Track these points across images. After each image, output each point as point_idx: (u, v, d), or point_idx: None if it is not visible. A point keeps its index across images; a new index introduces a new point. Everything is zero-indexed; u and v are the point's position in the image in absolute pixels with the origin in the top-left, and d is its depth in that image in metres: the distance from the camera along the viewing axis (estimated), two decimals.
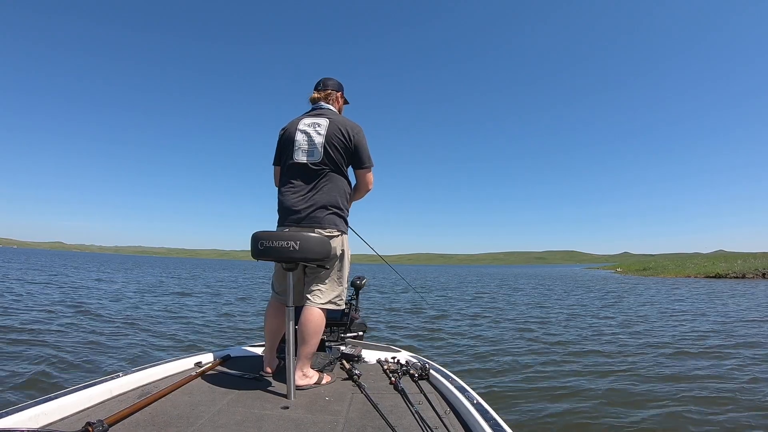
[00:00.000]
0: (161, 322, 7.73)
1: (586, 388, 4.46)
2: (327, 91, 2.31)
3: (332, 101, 2.31)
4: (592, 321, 9.79)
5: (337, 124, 2.14)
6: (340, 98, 2.37)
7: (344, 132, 2.12)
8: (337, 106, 2.35)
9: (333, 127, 2.12)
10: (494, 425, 1.42)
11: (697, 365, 5.40)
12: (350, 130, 2.14)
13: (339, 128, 2.12)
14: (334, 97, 2.32)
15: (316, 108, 2.27)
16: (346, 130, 2.13)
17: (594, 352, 6.29)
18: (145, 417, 1.51)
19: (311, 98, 2.30)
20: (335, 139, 2.10)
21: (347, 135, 2.13)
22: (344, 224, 2.16)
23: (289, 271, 1.91)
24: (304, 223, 2.05)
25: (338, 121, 2.16)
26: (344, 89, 2.41)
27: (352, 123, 2.20)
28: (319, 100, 2.28)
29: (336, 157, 2.11)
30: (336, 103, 2.33)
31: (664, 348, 6.49)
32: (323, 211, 2.06)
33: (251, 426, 1.50)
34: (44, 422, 1.40)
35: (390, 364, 2.31)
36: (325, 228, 2.05)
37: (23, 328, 6.25)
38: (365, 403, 1.76)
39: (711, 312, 11.00)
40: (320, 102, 2.28)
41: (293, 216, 2.08)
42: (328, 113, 2.21)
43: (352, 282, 3.01)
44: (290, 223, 2.08)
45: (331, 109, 2.26)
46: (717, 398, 4.08)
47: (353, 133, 2.14)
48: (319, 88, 2.32)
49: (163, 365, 2.07)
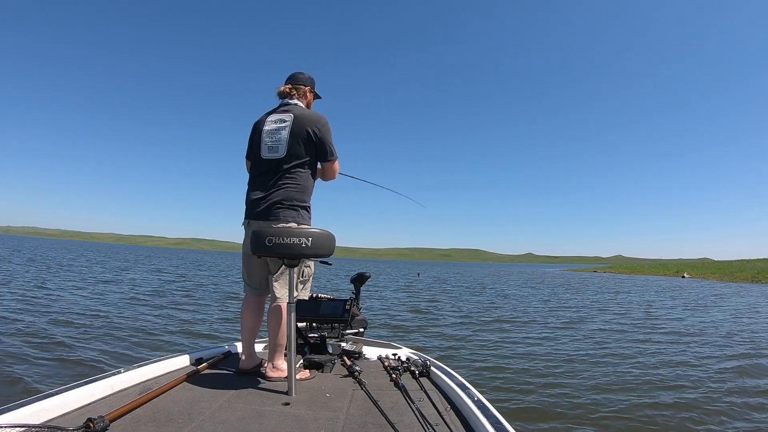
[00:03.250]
0: (159, 317, 7.69)
1: (589, 384, 4.51)
2: (296, 85, 2.29)
3: (300, 96, 2.30)
4: (582, 319, 9.89)
5: (301, 120, 2.14)
6: (309, 93, 2.35)
7: (309, 127, 2.13)
8: (306, 101, 2.33)
9: (297, 122, 2.13)
10: (495, 422, 1.43)
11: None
12: (315, 125, 2.15)
13: (304, 124, 2.13)
14: (303, 91, 2.31)
15: (282, 104, 2.27)
16: (311, 125, 2.14)
17: (592, 348, 6.37)
18: (146, 413, 1.51)
19: (278, 92, 2.29)
20: (300, 135, 2.12)
21: (312, 130, 2.13)
22: (304, 218, 2.15)
23: (292, 267, 1.90)
24: (264, 216, 2.09)
25: (303, 116, 2.16)
26: (315, 84, 2.38)
27: (317, 117, 2.20)
28: (285, 94, 2.27)
29: (300, 153, 2.13)
30: (304, 98, 2.32)
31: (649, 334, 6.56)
32: (282, 205, 2.08)
33: (252, 422, 1.50)
34: (45, 418, 1.39)
35: (391, 361, 2.32)
36: (280, 222, 2.07)
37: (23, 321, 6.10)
38: (366, 400, 1.76)
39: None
40: (287, 98, 2.27)
41: (255, 209, 2.12)
42: (294, 109, 2.20)
43: (353, 278, 3.01)
44: (253, 217, 2.13)
45: (298, 105, 2.25)
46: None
47: (318, 127, 2.15)
48: (288, 82, 2.31)
49: (163, 361, 2.07)
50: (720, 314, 11.60)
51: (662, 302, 15.02)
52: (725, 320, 10.20)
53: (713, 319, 10.35)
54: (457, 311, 10.93)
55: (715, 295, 19.11)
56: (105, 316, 7.40)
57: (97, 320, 6.94)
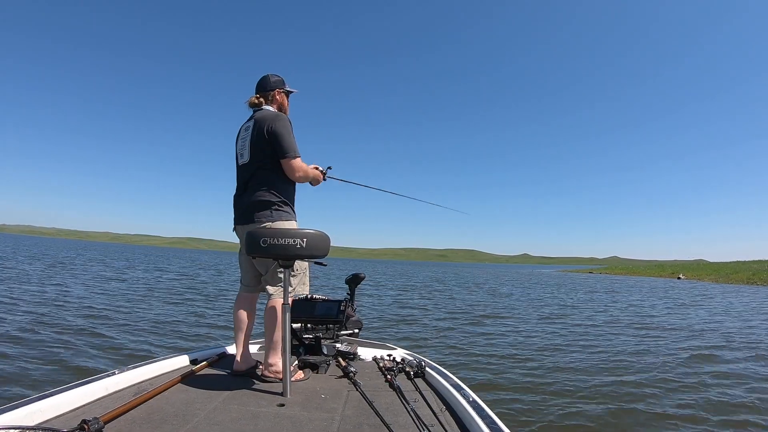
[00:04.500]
0: (152, 318, 7.65)
1: (587, 386, 4.52)
2: (263, 93, 2.31)
3: (270, 101, 2.32)
4: (582, 319, 9.92)
5: (260, 122, 2.18)
6: (278, 95, 2.34)
7: (263, 127, 2.15)
8: (277, 104, 2.33)
9: (256, 125, 2.18)
10: (490, 423, 1.43)
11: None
12: (268, 123, 2.15)
13: (260, 125, 2.16)
14: (271, 96, 2.32)
15: (253, 113, 2.30)
16: (265, 123, 2.15)
17: (589, 349, 6.39)
18: (141, 414, 1.51)
19: (249, 104, 2.32)
20: (257, 136, 2.16)
21: (265, 128, 2.14)
22: (279, 214, 2.15)
23: (286, 267, 1.90)
24: (242, 221, 2.19)
25: (261, 117, 2.20)
26: (284, 81, 2.37)
27: (273, 115, 2.21)
28: (254, 105, 2.31)
29: (262, 155, 2.16)
30: (274, 101, 2.33)
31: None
32: (254, 209, 2.15)
33: (247, 423, 1.50)
34: (40, 420, 1.39)
35: (386, 362, 2.32)
36: (256, 224, 2.12)
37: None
38: (361, 401, 1.76)
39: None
40: (255, 106, 2.30)
41: (236, 214, 2.25)
42: (257, 114, 2.24)
43: (347, 279, 3.01)
44: (236, 222, 2.25)
45: (262, 110, 2.27)
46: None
47: (270, 125, 2.14)
48: (256, 91, 2.35)
49: (158, 362, 2.07)
50: (703, 312, 11.87)
51: (656, 303, 15.09)
52: (706, 318, 10.30)
53: (694, 317, 10.48)
54: (452, 311, 10.93)
55: (704, 296, 19.27)
56: (99, 316, 7.36)
57: (91, 320, 6.90)
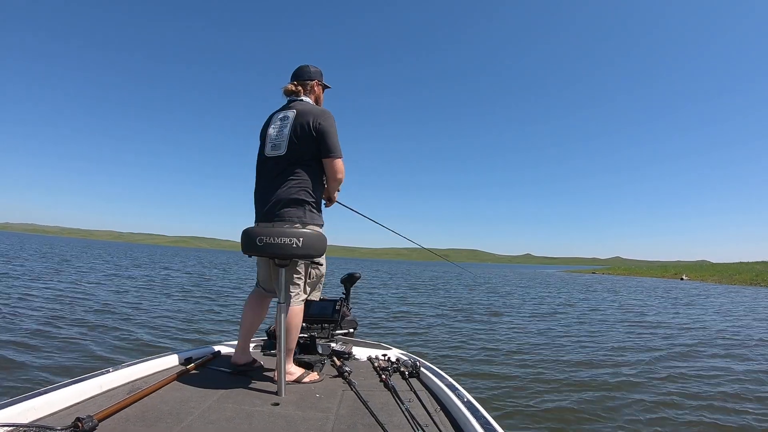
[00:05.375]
0: (149, 317, 7.65)
1: (582, 387, 4.51)
2: (301, 81, 2.22)
3: (308, 92, 2.23)
4: (572, 320, 9.90)
5: (303, 115, 2.06)
6: (316, 86, 2.27)
7: (308, 121, 2.04)
8: (314, 96, 2.25)
9: (298, 118, 2.06)
10: (484, 423, 1.43)
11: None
12: (315, 119, 2.05)
13: (304, 118, 2.05)
14: (309, 86, 2.23)
15: (288, 101, 2.20)
16: (311, 118, 2.05)
17: (582, 350, 6.38)
18: (135, 412, 1.51)
19: (284, 91, 2.21)
20: (299, 130, 2.04)
21: (311, 124, 2.04)
22: (311, 217, 2.06)
23: (282, 267, 1.89)
24: (268, 218, 2.03)
25: (304, 111, 2.08)
26: (322, 75, 2.30)
27: (319, 110, 2.11)
28: (291, 92, 2.20)
29: (301, 149, 2.04)
30: (312, 93, 2.24)
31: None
32: (285, 205, 2.01)
33: (241, 422, 1.50)
34: (33, 417, 1.38)
35: (381, 362, 2.32)
36: (286, 223, 2.00)
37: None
38: (355, 401, 1.76)
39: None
40: (293, 95, 2.20)
41: (261, 210, 2.07)
42: (298, 105, 2.13)
43: (343, 278, 3.01)
44: (260, 219, 2.07)
45: (303, 101, 2.17)
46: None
47: (318, 121, 2.05)
48: (293, 79, 2.24)
49: (152, 361, 2.06)
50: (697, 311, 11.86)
51: (658, 304, 15.04)
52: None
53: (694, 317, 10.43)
54: (448, 311, 10.90)
55: (704, 296, 19.26)
56: (96, 313, 7.37)
57: (89, 317, 6.91)
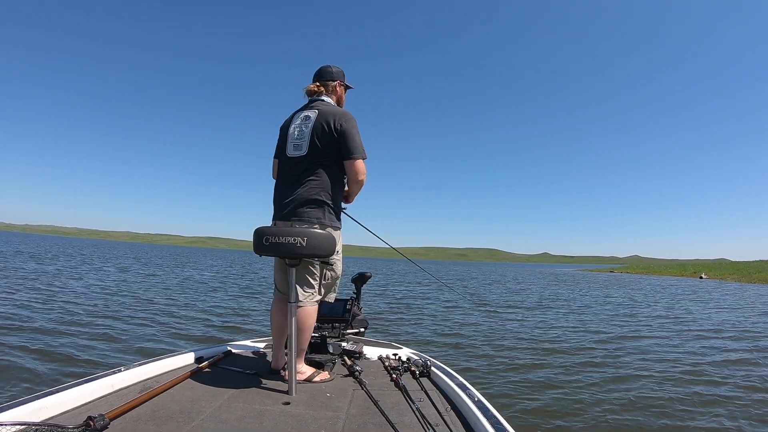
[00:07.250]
0: (162, 316, 7.73)
1: (593, 389, 4.43)
2: (324, 82, 2.22)
3: (330, 92, 2.22)
4: (575, 319, 9.73)
5: (325, 115, 2.05)
6: (338, 87, 2.26)
7: (330, 122, 2.03)
8: (336, 97, 2.25)
9: (320, 118, 2.05)
10: (495, 423, 1.41)
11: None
12: (336, 120, 2.04)
13: (326, 119, 2.04)
14: (332, 87, 2.23)
15: (310, 101, 2.20)
16: (333, 119, 2.04)
17: (592, 350, 6.27)
18: (146, 412, 1.51)
19: (306, 91, 2.21)
20: (321, 130, 2.03)
21: (332, 125, 2.03)
22: (330, 218, 2.05)
23: (292, 267, 1.89)
24: (287, 218, 2.02)
25: (326, 111, 2.07)
26: (344, 75, 2.29)
27: (341, 112, 2.10)
28: (313, 93, 2.20)
29: (322, 150, 2.03)
30: (334, 93, 2.24)
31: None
32: (305, 206, 2.01)
33: (252, 421, 1.49)
34: (45, 416, 1.40)
35: (391, 361, 2.31)
36: (305, 223, 1.99)
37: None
38: (366, 400, 1.75)
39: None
40: (315, 94, 2.20)
41: (280, 210, 2.07)
42: (320, 105, 2.12)
43: (354, 278, 3.00)
44: (278, 218, 2.07)
45: (324, 101, 2.16)
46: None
47: (339, 122, 2.04)
48: (315, 79, 2.24)
49: (164, 360, 2.08)
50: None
51: (682, 304, 14.71)
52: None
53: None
54: (461, 311, 10.83)
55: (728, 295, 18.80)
56: (108, 314, 7.46)
57: (99, 318, 7.00)
